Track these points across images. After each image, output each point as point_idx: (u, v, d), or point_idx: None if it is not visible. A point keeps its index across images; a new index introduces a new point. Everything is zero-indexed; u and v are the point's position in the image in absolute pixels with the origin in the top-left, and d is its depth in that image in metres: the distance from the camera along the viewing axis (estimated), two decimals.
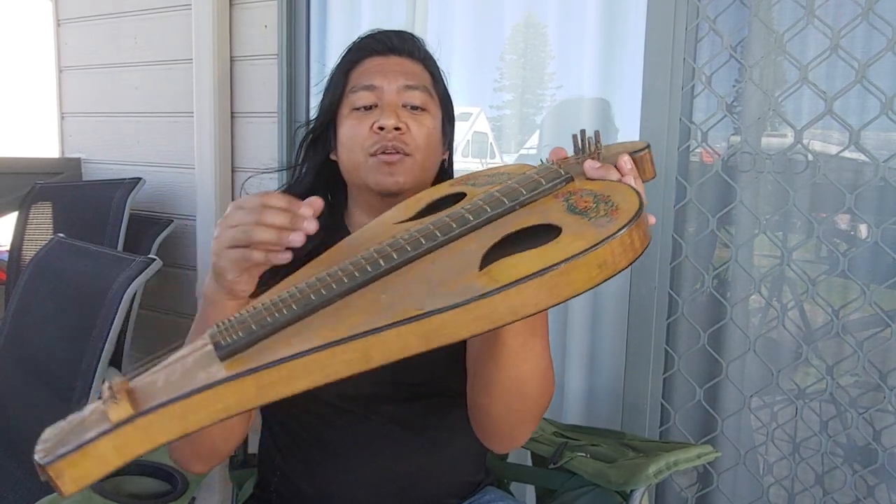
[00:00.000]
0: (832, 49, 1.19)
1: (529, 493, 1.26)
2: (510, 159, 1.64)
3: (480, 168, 0.82)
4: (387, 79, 0.90)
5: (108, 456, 0.45)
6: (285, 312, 0.52)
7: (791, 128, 1.26)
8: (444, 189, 0.73)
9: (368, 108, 0.89)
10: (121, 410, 0.46)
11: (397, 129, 0.87)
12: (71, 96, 2.26)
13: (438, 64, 0.98)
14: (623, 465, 0.95)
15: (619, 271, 0.54)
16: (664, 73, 1.30)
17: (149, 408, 0.46)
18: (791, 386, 1.32)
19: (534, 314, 0.51)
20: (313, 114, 1.01)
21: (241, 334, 0.51)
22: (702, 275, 1.35)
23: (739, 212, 1.32)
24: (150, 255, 1.43)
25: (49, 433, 0.47)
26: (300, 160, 0.98)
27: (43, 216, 2.02)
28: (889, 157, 1.19)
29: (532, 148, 1.60)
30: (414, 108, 0.90)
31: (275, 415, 0.93)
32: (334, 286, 0.54)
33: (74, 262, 1.47)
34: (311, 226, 0.60)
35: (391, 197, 0.87)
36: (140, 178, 1.90)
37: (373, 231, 0.68)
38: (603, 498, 0.95)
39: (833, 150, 1.25)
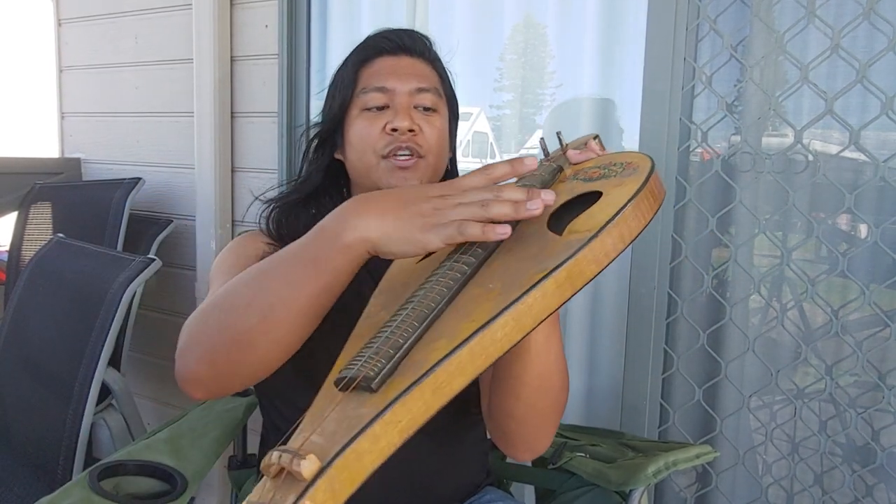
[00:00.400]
0: (833, 49, 1.19)
1: (529, 492, 1.27)
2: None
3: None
4: (400, 80, 0.89)
5: None
6: (410, 330, 0.54)
7: (791, 128, 1.26)
8: None
9: (380, 108, 0.89)
10: (311, 465, 0.43)
11: (411, 130, 0.87)
12: (71, 96, 2.26)
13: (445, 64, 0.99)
14: (622, 465, 0.95)
15: (661, 204, 0.62)
16: (664, 73, 1.30)
17: (336, 453, 0.44)
18: (790, 386, 1.32)
19: (614, 259, 0.58)
20: (314, 114, 1.00)
21: (383, 361, 0.51)
22: (701, 275, 1.35)
23: (739, 212, 1.32)
24: (149, 256, 1.43)
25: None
26: (309, 160, 0.97)
27: (42, 216, 2.02)
28: (889, 157, 1.19)
29: (532, 148, 1.60)
30: (426, 109, 0.90)
31: (279, 414, 0.93)
32: (447, 287, 0.57)
33: (74, 263, 1.47)
34: (549, 196, 0.60)
35: None
36: (140, 178, 1.90)
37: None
38: (602, 498, 0.95)
39: (833, 149, 1.25)
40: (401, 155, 0.87)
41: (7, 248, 2.06)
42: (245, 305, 0.63)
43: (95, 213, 1.86)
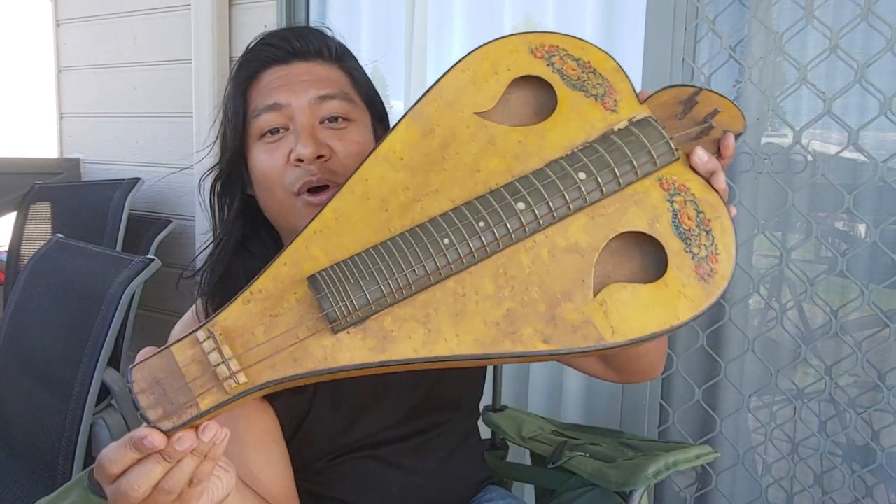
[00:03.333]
0: (831, 49, 1.19)
1: (529, 492, 1.26)
2: None
3: None
4: (294, 92, 0.74)
5: (217, 415, 0.49)
6: (404, 293, 0.53)
7: (790, 128, 1.26)
8: (524, 62, 0.64)
9: (277, 131, 0.74)
10: (239, 387, 0.49)
11: (320, 157, 0.72)
12: (70, 96, 2.26)
13: (356, 58, 0.83)
14: (622, 465, 0.95)
15: None
16: (663, 74, 1.30)
17: (265, 383, 0.50)
18: (790, 386, 1.32)
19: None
20: None
21: (360, 314, 0.52)
22: None
23: (738, 212, 1.32)
24: (148, 256, 1.43)
25: (145, 382, 0.49)
26: (216, 211, 0.82)
27: (42, 216, 2.02)
28: (888, 157, 1.19)
29: None
30: (334, 120, 0.75)
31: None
32: (455, 263, 0.54)
33: (73, 263, 1.47)
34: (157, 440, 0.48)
35: None
36: (139, 179, 1.89)
37: (457, 124, 0.61)
38: (602, 498, 0.95)
39: (832, 150, 1.25)
40: (315, 189, 0.72)
41: (6, 248, 2.06)
42: None
43: (95, 214, 1.86)
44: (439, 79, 0.62)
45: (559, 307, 0.54)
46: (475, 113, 0.61)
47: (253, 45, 0.79)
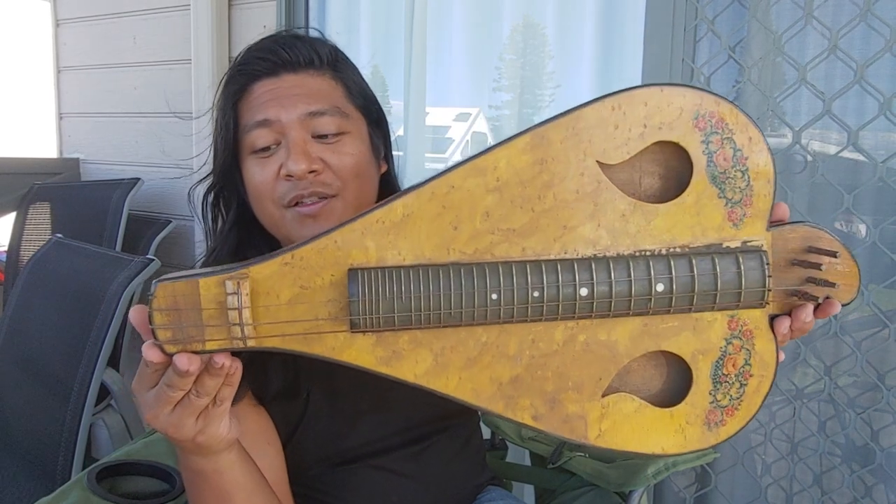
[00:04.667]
0: (830, 50, 1.19)
1: (528, 492, 1.26)
2: None
3: None
4: (283, 108, 0.72)
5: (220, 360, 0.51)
6: (432, 323, 0.53)
7: (790, 128, 1.26)
8: (683, 128, 0.55)
9: (268, 148, 0.73)
10: (243, 343, 0.50)
11: (312, 171, 0.71)
12: (69, 96, 2.26)
13: (351, 61, 0.80)
14: (622, 465, 0.95)
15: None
16: (663, 74, 1.30)
17: (271, 349, 0.52)
18: (789, 386, 1.32)
19: None
20: None
21: (381, 323, 0.52)
22: None
23: None
24: (148, 256, 1.43)
25: (165, 302, 0.50)
26: (209, 220, 0.81)
27: (41, 216, 2.02)
28: (887, 157, 1.19)
29: None
30: (325, 136, 0.73)
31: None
32: (492, 316, 0.53)
33: (73, 263, 1.47)
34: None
35: None
36: (138, 179, 1.89)
37: (572, 165, 0.54)
38: (602, 498, 0.95)
39: (831, 150, 1.26)
40: (306, 202, 0.72)
41: (6, 248, 2.06)
42: None
43: (94, 214, 1.86)
44: (582, 105, 0.54)
45: (564, 394, 0.55)
46: (598, 161, 0.54)
47: (242, 56, 0.77)
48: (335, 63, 0.78)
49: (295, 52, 0.75)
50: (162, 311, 0.50)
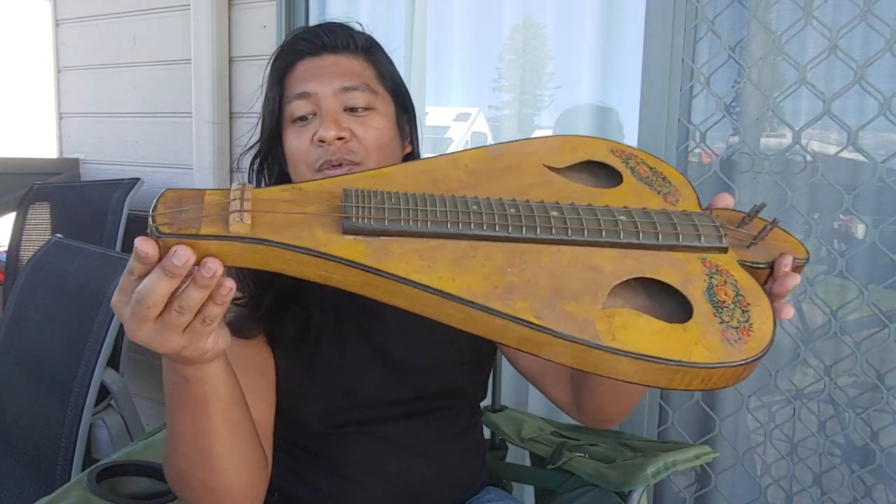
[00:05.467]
0: (830, 50, 1.19)
1: (528, 493, 1.27)
2: None
3: None
4: (321, 83, 0.82)
5: (212, 252, 0.52)
6: (419, 226, 0.55)
7: (789, 128, 1.26)
8: (602, 153, 0.69)
9: (306, 118, 0.83)
10: (241, 228, 0.52)
11: (340, 138, 0.80)
12: (69, 96, 2.26)
13: (384, 51, 0.91)
14: (621, 465, 0.95)
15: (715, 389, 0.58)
16: (663, 74, 1.30)
17: (264, 240, 0.53)
18: (789, 386, 1.32)
19: (622, 381, 0.53)
20: None
21: (372, 222, 0.54)
22: None
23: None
24: None
25: (171, 200, 0.54)
26: (255, 185, 0.87)
27: (41, 216, 2.02)
28: (887, 157, 1.19)
29: None
30: (357, 109, 0.82)
31: (281, 438, 0.87)
32: (476, 226, 0.56)
33: (73, 263, 1.47)
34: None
35: None
36: (138, 179, 1.89)
37: (525, 163, 0.66)
38: (601, 498, 0.95)
39: (831, 150, 1.26)
40: (333, 167, 0.81)
41: (6, 248, 2.06)
42: (187, 470, 0.66)
43: (94, 214, 1.86)
44: (525, 139, 0.69)
45: (563, 301, 0.53)
46: (545, 164, 0.66)
47: (289, 38, 0.88)
48: (369, 49, 0.89)
49: (334, 36, 0.86)
50: (167, 203, 0.53)
